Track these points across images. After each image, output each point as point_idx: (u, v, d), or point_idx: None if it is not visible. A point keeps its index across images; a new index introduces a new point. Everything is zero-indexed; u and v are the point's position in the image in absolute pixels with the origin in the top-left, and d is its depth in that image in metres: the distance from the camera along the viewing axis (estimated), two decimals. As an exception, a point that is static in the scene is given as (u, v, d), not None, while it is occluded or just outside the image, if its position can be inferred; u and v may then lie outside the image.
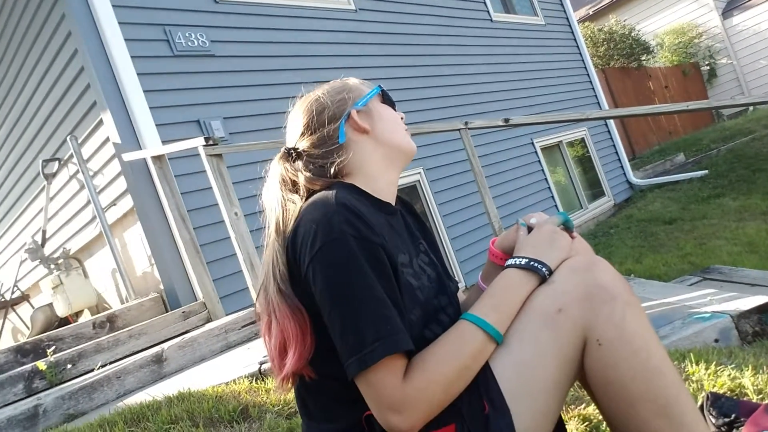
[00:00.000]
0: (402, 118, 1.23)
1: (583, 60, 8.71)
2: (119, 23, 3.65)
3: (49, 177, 4.46)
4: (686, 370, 1.66)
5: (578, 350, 0.96)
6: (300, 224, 0.99)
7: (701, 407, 1.27)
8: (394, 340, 0.89)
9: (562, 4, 8.77)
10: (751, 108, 11.71)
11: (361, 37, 5.43)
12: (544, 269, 1.02)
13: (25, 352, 3.14)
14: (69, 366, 2.87)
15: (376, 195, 1.12)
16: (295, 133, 1.17)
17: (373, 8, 5.67)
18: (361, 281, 0.91)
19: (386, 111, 1.20)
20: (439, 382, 0.92)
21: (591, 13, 15.02)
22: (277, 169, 1.13)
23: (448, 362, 0.93)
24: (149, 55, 3.82)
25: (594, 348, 0.95)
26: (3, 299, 5.17)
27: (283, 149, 1.15)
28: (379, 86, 1.21)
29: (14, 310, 5.22)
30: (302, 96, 1.21)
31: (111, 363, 2.92)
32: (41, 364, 2.77)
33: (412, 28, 6.04)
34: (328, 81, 1.23)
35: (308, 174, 1.10)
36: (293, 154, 1.14)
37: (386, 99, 1.22)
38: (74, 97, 3.93)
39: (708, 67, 13.79)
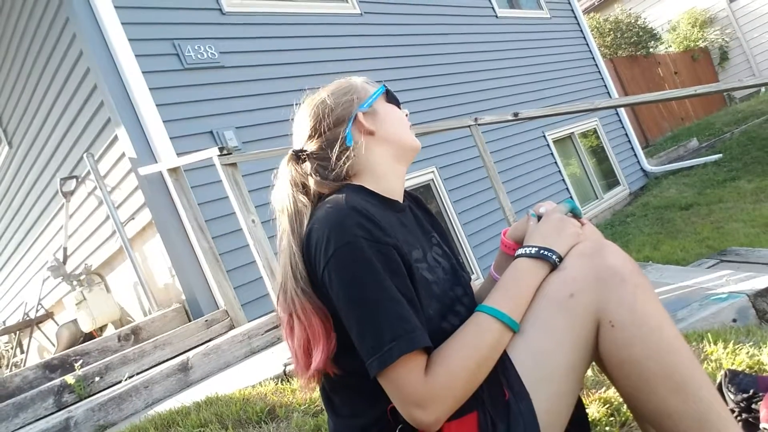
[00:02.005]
0: (407, 115, 1.24)
1: (590, 51, 8.67)
2: (129, 40, 3.72)
3: (68, 195, 4.54)
4: (704, 350, 1.66)
5: (592, 333, 0.98)
6: (313, 228, 1.01)
7: (720, 385, 1.29)
8: (411, 337, 0.91)
9: (566, -3, 8.75)
10: (762, 89, 11.56)
11: (368, 40, 5.47)
12: (554, 256, 1.04)
13: (53, 368, 3.20)
14: (97, 379, 2.93)
15: (385, 194, 1.14)
16: (302, 135, 1.18)
17: (378, 11, 5.71)
18: (376, 283, 0.94)
19: (391, 110, 1.21)
20: (461, 376, 0.94)
21: (596, 3, 14.93)
22: (286, 172, 1.15)
23: (468, 355, 0.95)
24: (160, 69, 3.89)
25: (607, 330, 0.96)
26: (28, 318, 5.26)
27: (291, 151, 1.17)
28: (384, 85, 1.23)
29: (39, 329, 5.32)
30: (307, 97, 1.22)
31: (138, 374, 2.97)
32: (69, 378, 2.83)
33: (418, 28, 6.06)
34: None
35: (317, 177, 1.12)
36: (302, 157, 1.16)
37: (391, 98, 1.23)
38: (89, 114, 4.01)
39: (719, 51, 13.65)
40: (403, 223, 1.13)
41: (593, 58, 8.66)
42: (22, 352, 5.35)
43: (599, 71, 8.64)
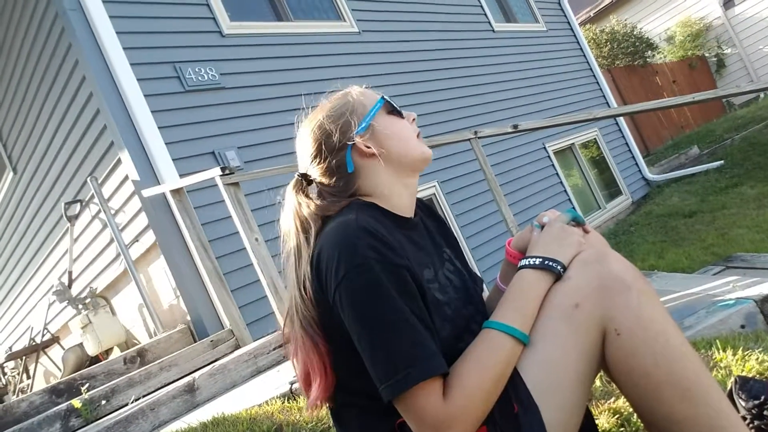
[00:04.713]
0: (413, 120, 1.20)
1: (587, 62, 8.72)
2: (131, 64, 3.77)
3: (72, 219, 4.56)
4: (713, 357, 1.65)
5: (598, 342, 0.97)
6: (322, 250, 1.00)
7: (730, 392, 1.27)
8: (427, 365, 0.91)
9: (562, 9, 8.82)
10: (761, 95, 11.59)
11: (367, 58, 5.52)
12: (558, 266, 1.04)
13: (59, 392, 3.19)
14: (103, 402, 2.91)
15: (396, 211, 1.12)
16: (305, 158, 1.17)
17: (375, 29, 5.77)
18: (389, 306, 0.93)
19: (393, 124, 1.16)
20: (478, 396, 0.93)
21: (592, 15, 15.06)
22: (292, 198, 1.13)
23: (483, 375, 0.95)
24: (161, 92, 3.93)
25: (613, 338, 0.96)
26: (34, 343, 5.25)
27: (296, 176, 1.16)
28: (382, 97, 1.18)
29: (45, 353, 5.31)
30: (306, 117, 1.20)
31: (144, 396, 2.96)
32: (76, 402, 2.81)
33: (415, 44, 6.12)
34: (331, 92, 1.21)
35: (323, 202, 1.10)
36: (307, 180, 1.15)
37: (391, 109, 1.18)
38: (92, 139, 4.04)
39: (716, 59, 13.71)
40: (413, 240, 1.12)
41: (591, 68, 8.71)
42: (28, 377, 5.33)
43: (597, 82, 8.69)
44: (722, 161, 8.06)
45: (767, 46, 13.16)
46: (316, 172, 1.15)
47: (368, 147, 1.13)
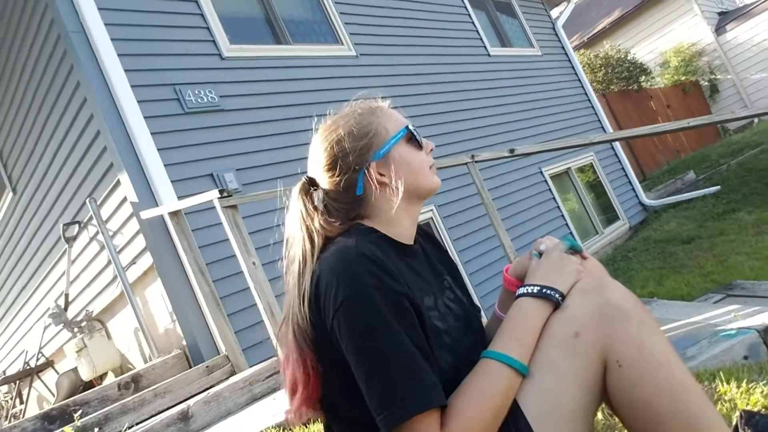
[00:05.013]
0: (431, 150, 1.19)
1: (582, 86, 8.81)
2: (131, 86, 3.78)
3: (70, 240, 4.54)
4: (717, 389, 1.63)
5: (599, 372, 0.96)
6: (321, 274, 0.99)
7: (735, 427, 1.26)
8: (425, 397, 0.90)
9: (556, 34, 8.94)
10: (755, 120, 11.70)
11: (364, 81, 5.56)
12: (557, 295, 1.03)
13: (51, 419, 3.13)
14: (96, 430, 2.85)
15: (397, 238, 1.12)
16: (316, 164, 1.16)
17: (373, 53, 5.82)
18: (387, 334, 0.92)
19: (411, 155, 1.15)
20: (478, 428, 0.92)
21: (586, 40, 15.26)
22: (298, 204, 1.13)
23: (483, 407, 0.93)
24: (161, 114, 3.94)
25: (615, 369, 0.95)
26: (28, 367, 5.18)
27: (304, 179, 1.15)
28: (407, 127, 1.17)
29: (39, 378, 5.23)
30: (326, 124, 1.19)
31: (138, 423, 2.90)
32: (68, 430, 2.76)
33: (413, 68, 6.17)
34: (359, 101, 1.21)
35: (326, 217, 1.10)
36: (314, 184, 1.15)
37: (412, 137, 1.17)
38: (91, 160, 4.04)
39: (708, 84, 13.88)
40: (413, 268, 1.11)
41: (586, 93, 8.79)
42: (21, 402, 5.26)
43: (592, 106, 8.76)
44: (719, 186, 8.08)
45: (759, 72, 13.34)
46: (324, 183, 1.14)
47: (381, 175, 1.12)
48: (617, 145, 8.64)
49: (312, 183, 1.15)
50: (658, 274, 5.76)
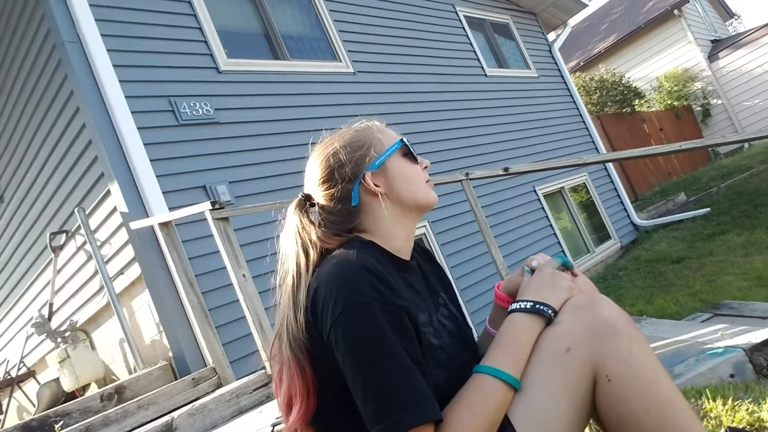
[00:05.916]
0: (426, 167, 1.21)
1: (577, 108, 8.90)
2: (126, 97, 3.78)
3: (57, 250, 4.49)
4: (703, 407, 1.63)
5: (589, 388, 0.96)
6: (320, 286, 0.99)
7: (723, 444, 1.25)
8: (421, 411, 0.89)
9: (553, 57, 9.04)
10: (746, 145, 11.86)
11: (361, 98, 5.59)
12: (549, 311, 1.04)
13: (31, 430, 3.08)
14: (78, 441, 2.82)
15: (394, 252, 1.12)
16: (312, 180, 1.17)
17: (371, 70, 5.87)
18: (385, 347, 0.91)
19: (404, 168, 1.17)
20: None
21: (582, 63, 15.47)
22: (293, 219, 1.13)
23: (475, 420, 0.93)
24: (155, 125, 3.93)
25: (604, 384, 0.95)
26: (9, 377, 5.11)
27: (300, 195, 1.16)
28: (401, 140, 1.20)
29: (20, 388, 5.15)
30: (323, 141, 1.20)
31: (120, 435, 2.87)
32: (50, 440, 2.72)
33: (409, 86, 6.22)
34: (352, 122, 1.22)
35: (323, 230, 1.10)
36: (310, 201, 1.15)
37: (407, 152, 1.19)
38: (82, 169, 4.02)
39: (701, 108, 14.07)
40: (410, 283, 1.11)
41: (581, 115, 8.88)
42: (1, 413, 5.16)
43: (587, 128, 8.85)
44: (709, 209, 8.17)
45: (750, 98, 13.54)
46: (320, 197, 1.15)
47: (377, 185, 1.13)
48: (610, 166, 8.72)
49: (308, 199, 1.16)
50: (648, 292, 5.79)
